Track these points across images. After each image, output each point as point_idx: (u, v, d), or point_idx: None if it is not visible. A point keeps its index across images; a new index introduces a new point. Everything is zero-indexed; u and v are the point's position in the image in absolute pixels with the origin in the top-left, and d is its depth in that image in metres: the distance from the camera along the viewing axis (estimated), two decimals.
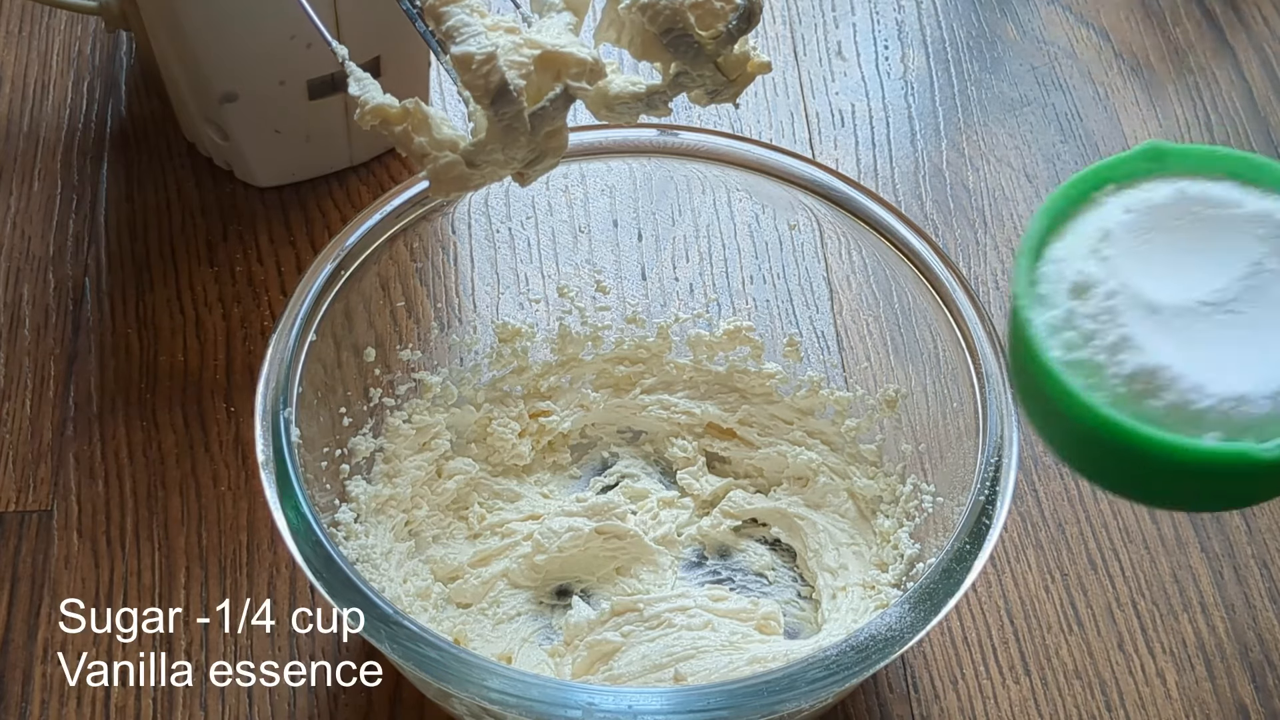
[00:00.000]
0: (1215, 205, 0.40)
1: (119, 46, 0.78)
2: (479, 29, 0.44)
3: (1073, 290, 0.39)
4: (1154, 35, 0.82)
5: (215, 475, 0.63)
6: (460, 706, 0.52)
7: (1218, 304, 0.39)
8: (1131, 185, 0.41)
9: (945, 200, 0.74)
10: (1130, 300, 0.38)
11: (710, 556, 0.61)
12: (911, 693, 0.58)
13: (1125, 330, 0.38)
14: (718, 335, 0.64)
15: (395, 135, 0.45)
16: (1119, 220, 0.40)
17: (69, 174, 0.73)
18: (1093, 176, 0.41)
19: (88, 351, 0.66)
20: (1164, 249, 0.40)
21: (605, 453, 0.64)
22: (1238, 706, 0.58)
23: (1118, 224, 0.40)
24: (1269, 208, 0.40)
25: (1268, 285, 0.39)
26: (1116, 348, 0.38)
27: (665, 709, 0.46)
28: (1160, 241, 0.40)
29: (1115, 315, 0.38)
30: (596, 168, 0.62)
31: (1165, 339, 0.38)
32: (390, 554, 0.57)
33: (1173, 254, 0.40)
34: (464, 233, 0.63)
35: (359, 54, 0.48)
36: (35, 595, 0.59)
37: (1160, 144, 0.41)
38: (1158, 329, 0.38)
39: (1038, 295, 0.40)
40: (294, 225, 0.71)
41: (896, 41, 0.81)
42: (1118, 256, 0.39)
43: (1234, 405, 0.37)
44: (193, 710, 0.56)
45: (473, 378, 0.63)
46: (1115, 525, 0.63)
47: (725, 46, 0.47)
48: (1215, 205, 0.40)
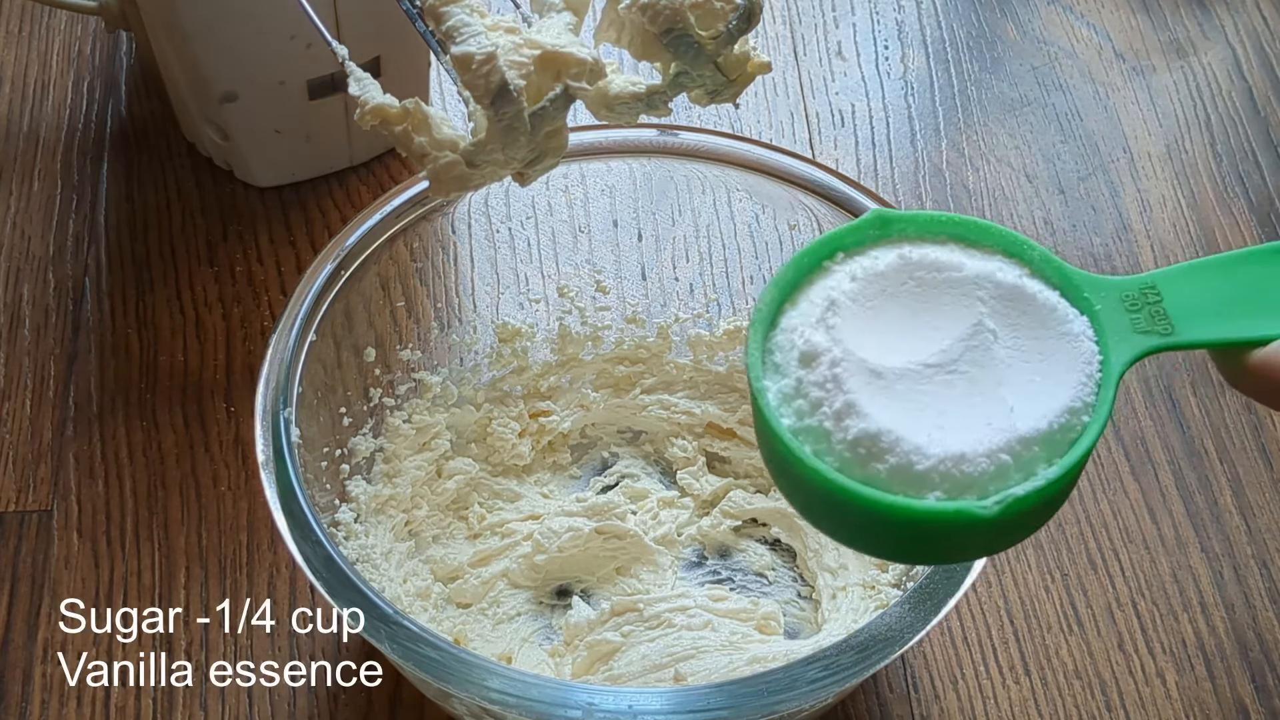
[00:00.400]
0: (938, 269, 0.41)
1: (119, 46, 0.78)
2: (479, 29, 0.44)
3: (801, 360, 0.40)
4: (1154, 35, 0.82)
5: (215, 475, 0.63)
6: (460, 706, 0.52)
7: (940, 365, 0.40)
8: (861, 252, 0.42)
9: (945, 200, 0.74)
10: (854, 367, 0.39)
11: (710, 556, 0.61)
12: (911, 693, 0.58)
13: (849, 397, 0.39)
14: (718, 335, 0.64)
15: (395, 135, 0.45)
16: (845, 289, 0.41)
17: (69, 174, 0.73)
18: (823, 246, 0.42)
19: (88, 351, 0.66)
20: (888, 314, 0.41)
21: (605, 453, 0.64)
22: (1238, 706, 0.58)
23: (843, 293, 0.41)
24: (989, 268, 0.41)
25: (988, 344, 0.40)
26: (841, 414, 0.39)
27: (665, 709, 0.46)
28: (885, 307, 0.41)
29: (840, 383, 0.39)
30: (596, 168, 0.62)
31: (888, 403, 0.39)
32: (390, 554, 0.57)
33: (897, 319, 0.41)
34: (464, 233, 0.63)
35: (359, 54, 0.48)
36: (35, 595, 0.59)
37: (885, 211, 0.43)
38: (881, 394, 0.39)
39: (773, 364, 0.41)
40: (294, 225, 0.71)
41: (896, 41, 0.81)
42: (843, 325, 0.40)
43: (954, 464, 0.38)
44: (193, 710, 0.56)
45: (473, 378, 0.63)
46: (1115, 525, 0.63)
47: (725, 46, 0.47)
48: (938, 269, 0.41)
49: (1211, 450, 0.65)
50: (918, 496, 0.38)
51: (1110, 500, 0.63)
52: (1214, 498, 0.64)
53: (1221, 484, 0.64)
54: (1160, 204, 0.74)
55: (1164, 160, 0.76)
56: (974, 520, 0.38)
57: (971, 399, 0.39)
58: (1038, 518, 0.40)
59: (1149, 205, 0.74)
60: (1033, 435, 0.39)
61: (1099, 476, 0.64)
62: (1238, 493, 0.64)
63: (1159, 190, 0.75)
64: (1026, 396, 0.39)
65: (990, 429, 0.39)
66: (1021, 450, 0.39)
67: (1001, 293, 0.41)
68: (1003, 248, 0.42)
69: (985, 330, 0.40)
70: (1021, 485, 0.38)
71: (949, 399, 0.39)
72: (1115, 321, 0.41)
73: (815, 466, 0.39)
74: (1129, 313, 0.41)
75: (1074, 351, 0.40)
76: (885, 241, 0.42)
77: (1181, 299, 0.41)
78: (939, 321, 0.41)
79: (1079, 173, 0.76)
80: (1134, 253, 0.72)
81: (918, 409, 0.39)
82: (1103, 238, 0.73)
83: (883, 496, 0.38)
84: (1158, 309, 0.41)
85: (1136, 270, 0.71)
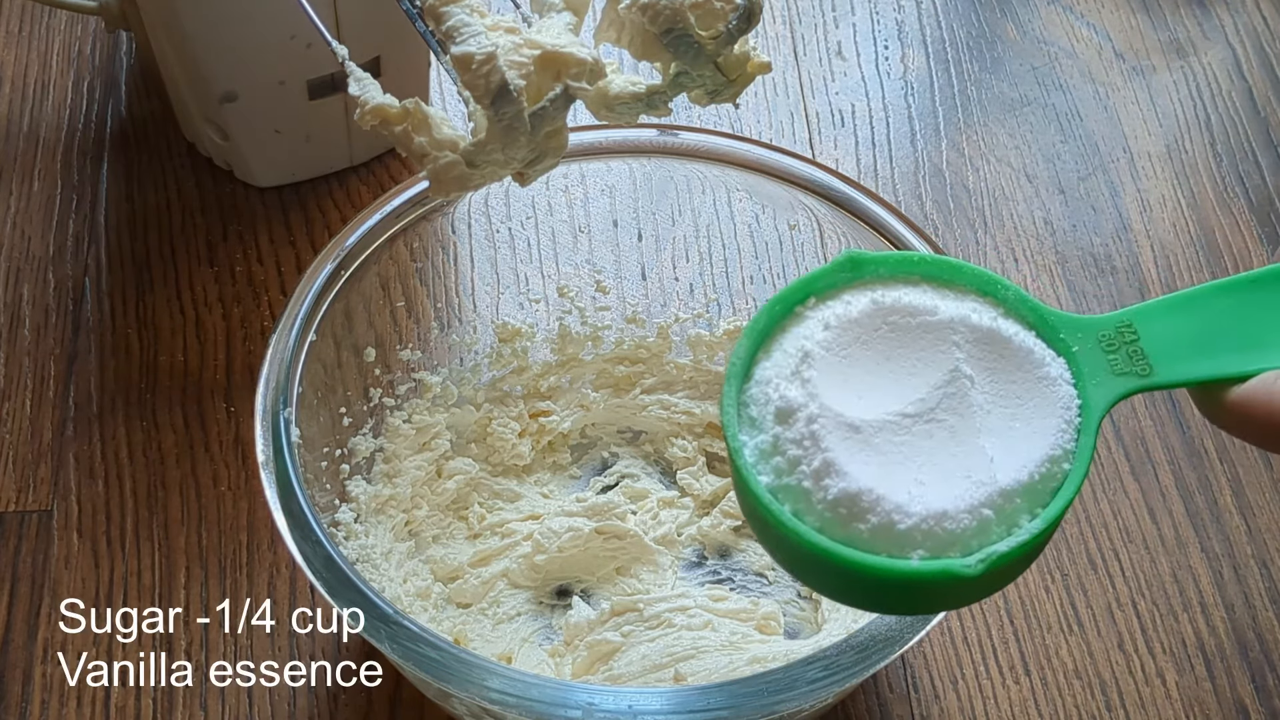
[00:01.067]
0: (912, 313, 0.41)
1: (119, 46, 0.78)
2: (479, 29, 0.44)
3: (777, 416, 0.39)
4: (1154, 35, 0.82)
5: (215, 475, 0.63)
6: (460, 706, 0.52)
7: (918, 415, 0.39)
8: (833, 296, 0.42)
9: (945, 200, 0.74)
10: (831, 423, 0.39)
11: (710, 556, 0.61)
12: (911, 693, 0.58)
13: (828, 455, 0.38)
14: (718, 335, 0.64)
15: (395, 135, 0.45)
16: (819, 339, 0.40)
17: (69, 174, 0.73)
18: (794, 293, 0.42)
19: (88, 351, 0.66)
20: (863, 363, 0.40)
21: (605, 453, 0.64)
22: (1238, 706, 0.58)
23: (817, 343, 0.40)
24: (964, 311, 0.41)
25: (965, 391, 0.39)
26: (820, 474, 0.38)
27: (665, 709, 0.46)
28: (860, 356, 0.40)
29: (818, 440, 0.39)
30: (596, 168, 0.62)
31: (868, 460, 0.38)
32: (390, 554, 0.57)
33: (872, 367, 0.40)
34: (464, 233, 0.63)
35: (359, 54, 0.48)
36: (35, 595, 0.59)
37: (857, 253, 0.42)
38: (860, 450, 0.39)
39: (749, 418, 0.40)
40: (294, 225, 0.71)
41: (896, 41, 0.81)
42: (818, 378, 0.40)
43: (936, 522, 0.38)
44: (193, 710, 0.56)
45: (473, 378, 0.63)
46: (1115, 525, 0.63)
47: (725, 46, 0.47)
48: (912, 313, 0.41)
49: (1211, 450, 0.65)
50: (901, 556, 0.38)
51: (1110, 500, 0.63)
52: (1214, 498, 0.64)
53: (1221, 484, 0.64)
54: (1160, 204, 0.74)
55: (1164, 160, 0.76)
56: (957, 579, 0.38)
57: (951, 450, 0.39)
58: (1020, 567, 0.40)
59: (1149, 205, 0.74)
60: (1014, 487, 0.38)
61: (1099, 476, 0.64)
62: (1238, 493, 0.64)
63: (1159, 190, 0.75)
64: (1006, 446, 0.39)
65: (970, 482, 0.38)
66: (1003, 503, 0.38)
67: (977, 336, 0.40)
68: (976, 287, 0.42)
69: (962, 376, 0.40)
70: (1005, 541, 0.38)
71: (928, 450, 0.39)
72: (1093, 363, 0.40)
73: (796, 529, 0.38)
74: (1106, 353, 0.41)
75: (1052, 396, 0.40)
76: (858, 284, 0.42)
77: (1158, 337, 0.41)
78: (915, 368, 0.40)
79: (1079, 173, 0.76)
80: (1134, 252, 0.72)
81: (897, 463, 0.39)
82: (1103, 238, 0.73)
83: (865, 558, 0.38)
84: (1135, 348, 0.41)
85: (1136, 269, 0.71)
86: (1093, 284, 0.71)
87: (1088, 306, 0.70)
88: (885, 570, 0.38)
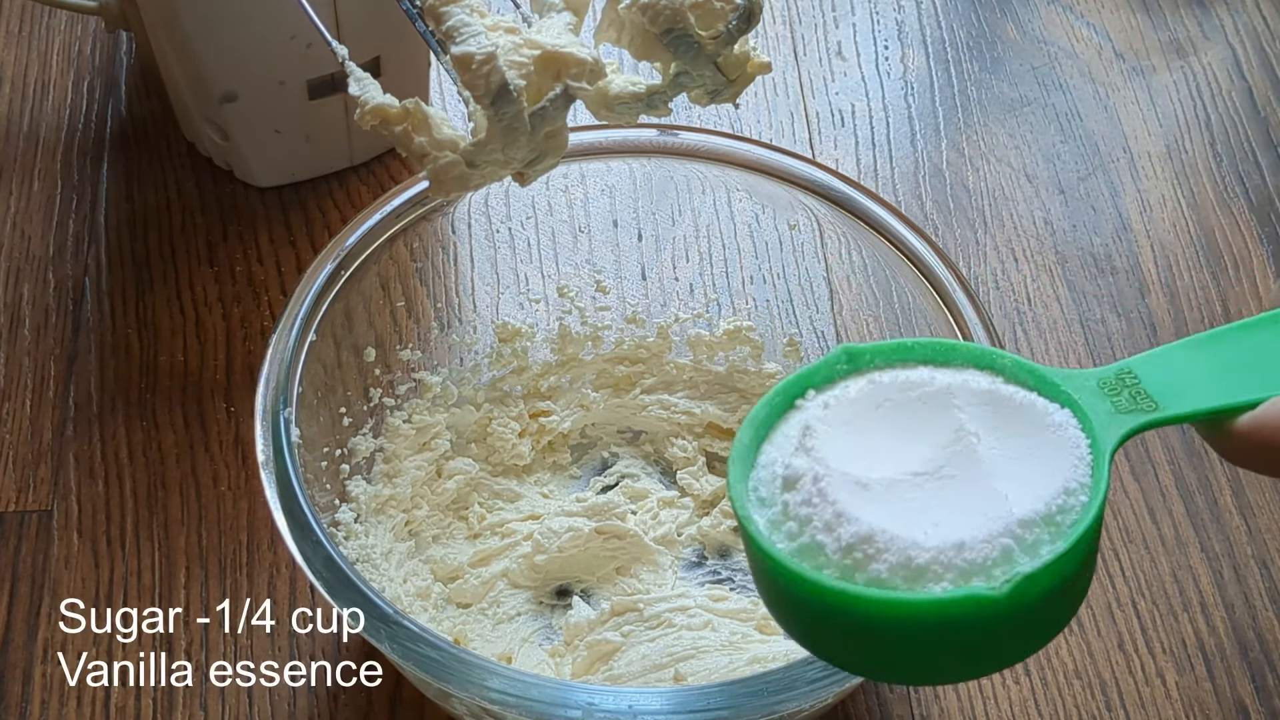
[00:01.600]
0: (909, 387, 0.41)
1: (119, 46, 0.78)
2: (479, 29, 0.44)
3: (784, 485, 0.39)
4: (1154, 35, 0.82)
5: (215, 475, 0.63)
6: (460, 706, 0.52)
7: (929, 473, 0.39)
8: (831, 386, 0.42)
9: (945, 200, 0.74)
10: (838, 480, 0.39)
11: (710, 556, 0.61)
12: (911, 693, 0.58)
13: (837, 506, 0.38)
14: (718, 335, 0.64)
15: (395, 135, 0.45)
16: (819, 415, 0.41)
17: (69, 174, 0.73)
18: (793, 385, 0.42)
19: (88, 351, 0.66)
20: (867, 432, 0.40)
21: (605, 453, 0.64)
22: (1238, 706, 0.58)
23: (818, 418, 0.41)
24: (961, 379, 0.41)
25: (971, 447, 0.39)
26: (832, 524, 0.38)
27: (665, 709, 0.46)
28: (861, 427, 0.40)
29: (825, 495, 0.38)
30: (596, 168, 0.62)
31: (878, 507, 0.38)
32: (390, 554, 0.57)
33: (876, 436, 0.40)
34: (464, 233, 0.63)
35: (359, 54, 0.48)
36: (35, 595, 0.59)
37: (852, 346, 0.42)
38: (869, 500, 0.38)
39: (758, 499, 0.40)
40: (294, 225, 0.71)
41: (896, 41, 0.81)
42: (821, 446, 0.40)
43: (954, 553, 0.37)
44: (193, 710, 0.56)
45: (473, 378, 0.63)
46: (1115, 525, 0.63)
47: (725, 46, 0.47)
48: (909, 387, 0.41)
49: (1211, 450, 0.65)
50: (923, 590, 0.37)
51: (1110, 500, 0.63)
52: (1214, 498, 0.64)
53: (1221, 484, 0.64)
54: (1160, 204, 0.74)
55: (1164, 160, 0.76)
56: (986, 604, 0.37)
57: (964, 495, 0.38)
58: (1055, 607, 0.39)
59: (1149, 205, 0.74)
60: (1031, 518, 0.38)
61: None
62: (1238, 493, 0.64)
63: (1159, 190, 0.75)
64: (1020, 484, 0.39)
65: (987, 518, 0.38)
66: (1023, 533, 0.38)
67: (977, 399, 0.40)
68: (972, 362, 0.42)
69: (967, 434, 0.39)
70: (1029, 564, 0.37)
71: (940, 498, 0.38)
72: (1097, 406, 0.40)
73: (814, 579, 0.38)
74: (1109, 396, 0.40)
75: (1060, 439, 0.40)
76: (853, 374, 0.42)
77: (1159, 379, 0.41)
78: (919, 434, 0.40)
79: (1079, 173, 0.76)
80: (1134, 253, 0.72)
81: (909, 509, 0.38)
82: (1103, 238, 0.73)
83: (886, 594, 0.37)
84: (1137, 390, 0.41)
85: (1136, 269, 0.71)
86: (1093, 284, 0.71)
87: (1088, 306, 0.70)
88: (907, 603, 0.37)
